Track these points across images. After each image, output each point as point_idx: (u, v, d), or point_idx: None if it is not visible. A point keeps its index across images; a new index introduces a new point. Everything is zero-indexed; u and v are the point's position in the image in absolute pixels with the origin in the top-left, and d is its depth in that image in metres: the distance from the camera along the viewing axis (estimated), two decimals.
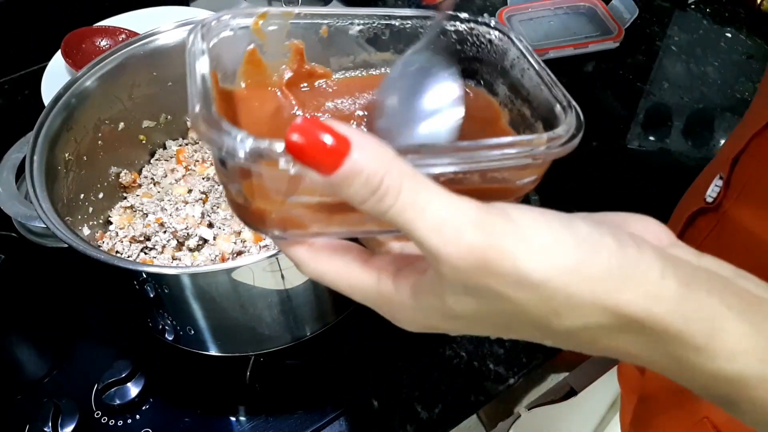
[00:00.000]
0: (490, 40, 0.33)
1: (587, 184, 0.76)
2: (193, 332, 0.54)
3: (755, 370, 0.23)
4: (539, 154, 0.25)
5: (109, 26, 0.82)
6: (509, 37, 0.32)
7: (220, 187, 0.65)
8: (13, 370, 0.61)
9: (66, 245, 0.48)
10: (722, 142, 0.82)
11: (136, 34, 0.77)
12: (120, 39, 0.80)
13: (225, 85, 0.31)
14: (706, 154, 0.80)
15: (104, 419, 0.55)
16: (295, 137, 0.21)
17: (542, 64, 0.30)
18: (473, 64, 0.33)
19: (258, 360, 0.60)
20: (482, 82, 0.34)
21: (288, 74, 0.33)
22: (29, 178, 0.51)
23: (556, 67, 0.90)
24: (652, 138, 0.83)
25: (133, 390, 0.56)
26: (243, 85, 0.32)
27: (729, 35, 0.97)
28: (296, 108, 0.32)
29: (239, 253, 0.58)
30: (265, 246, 0.58)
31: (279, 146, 0.22)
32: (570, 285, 0.22)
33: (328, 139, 0.21)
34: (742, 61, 0.92)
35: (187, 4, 0.91)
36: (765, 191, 0.44)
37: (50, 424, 0.53)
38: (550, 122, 0.29)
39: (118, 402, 0.55)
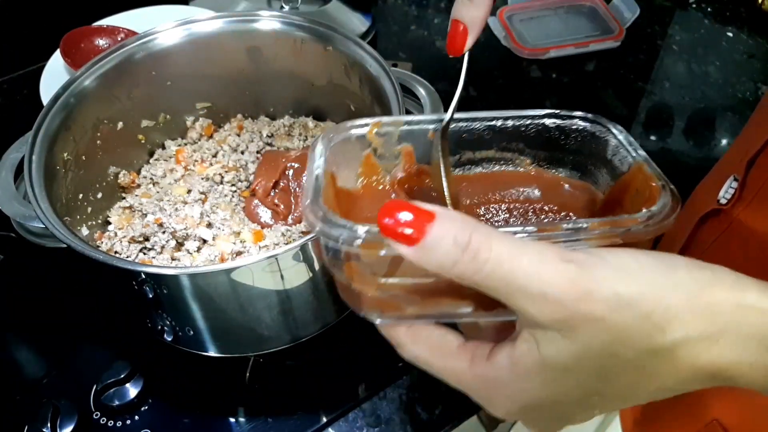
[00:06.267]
0: (592, 134, 0.36)
1: None
2: (192, 333, 0.54)
3: None
4: (635, 233, 0.27)
5: (108, 25, 0.81)
6: (608, 129, 0.35)
7: (220, 187, 0.65)
8: (11, 370, 0.60)
9: (65, 245, 0.47)
10: (724, 142, 0.82)
11: (135, 33, 0.76)
12: (119, 38, 0.80)
13: (343, 185, 0.35)
14: (707, 154, 0.80)
15: (103, 420, 0.55)
16: (385, 217, 0.23)
17: (641, 151, 0.34)
18: (577, 156, 0.37)
19: (257, 361, 0.60)
20: (585, 172, 0.37)
21: (400, 175, 0.37)
22: (28, 178, 0.51)
23: (557, 67, 0.91)
24: (653, 138, 0.83)
25: (132, 391, 0.56)
26: (359, 185, 0.36)
27: (730, 34, 0.96)
28: None
29: (238, 253, 0.58)
30: (264, 246, 0.58)
31: (372, 228, 0.25)
32: (665, 296, 0.23)
33: (413, 212, 0.23)
34: (743, 61, 0.92)
35: (186, 3, 0.90)
36: None
37: (49, 424, 0.53)
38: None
39: (116, 403, 0.55)
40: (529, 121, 0.36)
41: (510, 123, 0.36)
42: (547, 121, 0.36)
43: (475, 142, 0.37)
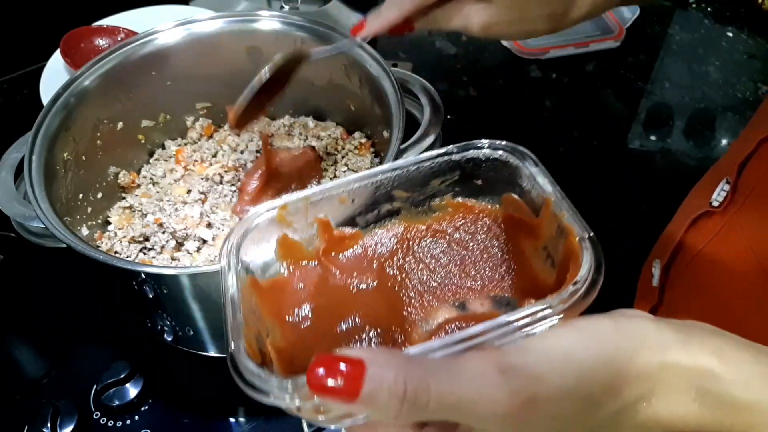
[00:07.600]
0: (504, 162, 0.35)
1: (588, 184, 0.76)
2: (192, 333, 0.54)
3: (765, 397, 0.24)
4: (562, 311, 0.26)
5: (108, 25, 0.81)
6: (518, 157, 0.34)
7: (219, 187, 0.65)
8: (11, 370, 0.60)
9: (65, 245, 0.47)
10: (724, 142, 0.82)
11: (135, 33, 0.76)
12: (119, 38, 0.80)
13: (266, 278, 0.33)
14: (707, 154, 0.80)
15: (103, 420, 0.55)
16: (313, 380, 0.22)
17: (549, 187, 0.32)
18: (493, 184, 0.36)
19: None
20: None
21: (322, 245, 0.35)
22: (28, 178, 0.51)
23: (557, 67, 0.91)
24: (653, 138, 0.83)
25: (132, 391, 0.56)
26: (283, 270, 0.34)
27: (730, 35, 0.96)
28: (338, 274, 0.35)
29: None
30: None
31: (300, 385, 0.24)
32: (598, 378, 0.24)
33: (343, 369, 0.22)
34: (743, 61, 0.92)
35: (187, 3, 0.90)
36: None
37: (49, 425, 0.53)
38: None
39: (116, 403, 0.55)
40: (442, 159, 0.35)
41: (415, 167, 0.35)
42: (456, 156, 0.35)
43: (390, 193, 0.36)
